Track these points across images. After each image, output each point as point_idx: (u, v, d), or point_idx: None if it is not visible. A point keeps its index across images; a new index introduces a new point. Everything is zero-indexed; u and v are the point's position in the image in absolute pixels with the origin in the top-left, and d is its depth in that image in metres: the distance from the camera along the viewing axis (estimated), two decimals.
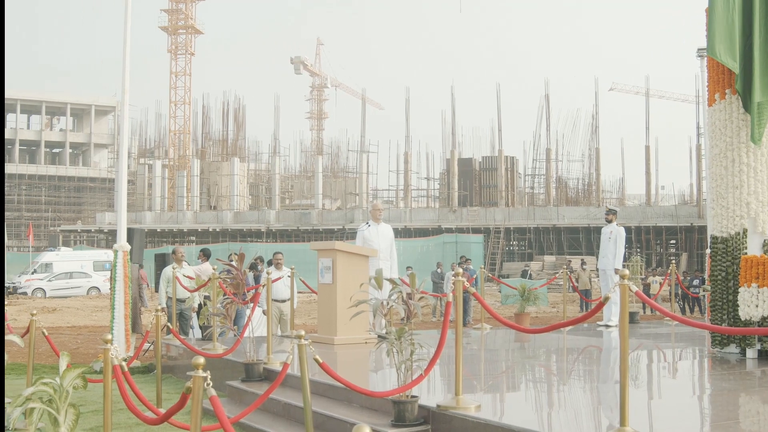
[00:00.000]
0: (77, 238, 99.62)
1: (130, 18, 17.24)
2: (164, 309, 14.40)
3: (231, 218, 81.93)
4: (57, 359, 9.26)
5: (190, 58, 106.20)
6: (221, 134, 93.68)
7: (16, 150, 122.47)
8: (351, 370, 12.61)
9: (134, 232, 20.86)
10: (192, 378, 5.92)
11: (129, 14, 17.17)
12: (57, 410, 7.63)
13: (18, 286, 52.12)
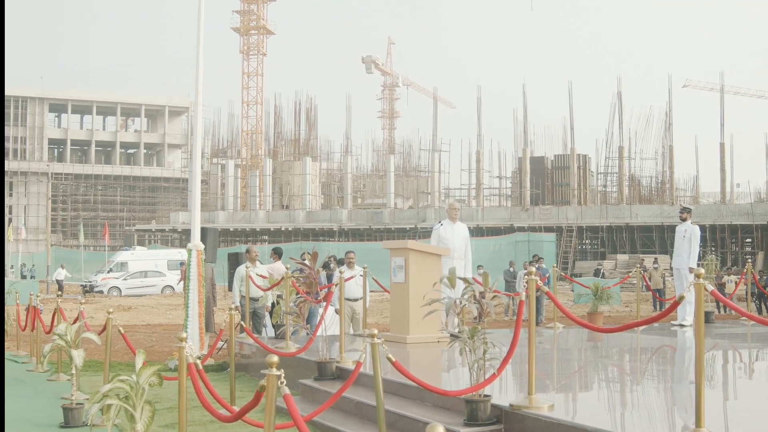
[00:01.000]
0: (152, 238, 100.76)
1: (203, 20, 17.39)
2: (238, 308, 14.50)
3: (303, 217, 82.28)
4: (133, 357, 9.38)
5: (262, 59, 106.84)
6: (293, 134, 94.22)
7: (92, 151, 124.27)
8: (423, 369, 12.60)
9: (208, 232, 21.03)
10: (266, 376, 5.95)
11: (202, 16, 17.32)
12: (133, 407, 7.72)
13: (94, 285, 52.84)
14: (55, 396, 13.36)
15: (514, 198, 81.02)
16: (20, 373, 16.69)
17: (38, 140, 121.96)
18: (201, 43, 17.29)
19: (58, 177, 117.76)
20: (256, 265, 18.03)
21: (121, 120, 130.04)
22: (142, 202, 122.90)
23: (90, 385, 13.59)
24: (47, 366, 16.55)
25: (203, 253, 16.99)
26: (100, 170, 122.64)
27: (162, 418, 10.71)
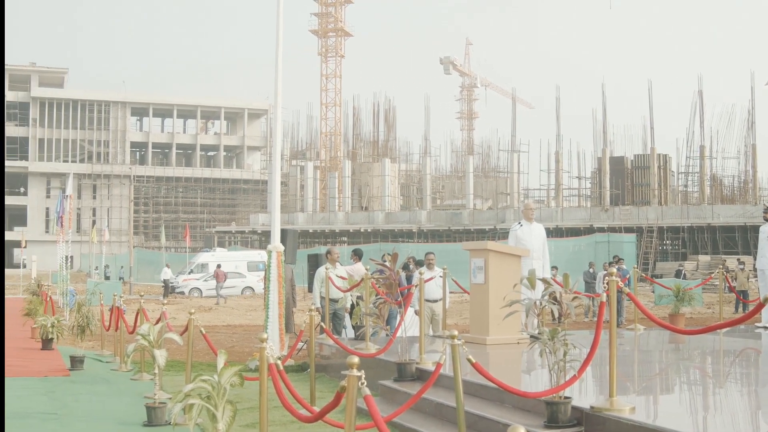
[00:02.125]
0: (232, 239, 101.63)
1: (282, 23, 17.50)
2: (318, 309, 14.57)
3: (382, 219, 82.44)
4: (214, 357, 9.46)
5: (340, 61, 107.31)
6: (372, 135, 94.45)
7: (173, 153, 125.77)
8: (503, 370, 12.56)
9: (288, 233, 21.14)
10: (347, 377, 5.97)
11: (281, 19, 17.43)
12: (215, 406, 7.80)
13: (176, 286, 53.42)
14: (138, 395, 13.54)
15: (594, 198, 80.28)
16: (104, 372, 16.94)
17: (121, 144, 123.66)
18: (280, 46, 17.41)
19: (140, 179, 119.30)
20: (336, 266, 18.09)
21: (201, 123, 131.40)
22: (222, 204, 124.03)
23: (172, 385, 13.75)
24: (130, 365, 16.78)
25: (283, 255, 17.10)
26: (180, 173, 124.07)
27: (243, 417, 10.80)
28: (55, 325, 20.64)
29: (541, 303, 8.82)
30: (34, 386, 14.82)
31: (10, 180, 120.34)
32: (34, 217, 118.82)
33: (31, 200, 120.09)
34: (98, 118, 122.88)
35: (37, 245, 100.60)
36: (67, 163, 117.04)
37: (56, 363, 18.29)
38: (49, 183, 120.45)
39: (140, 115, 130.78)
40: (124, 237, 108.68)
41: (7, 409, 12.50)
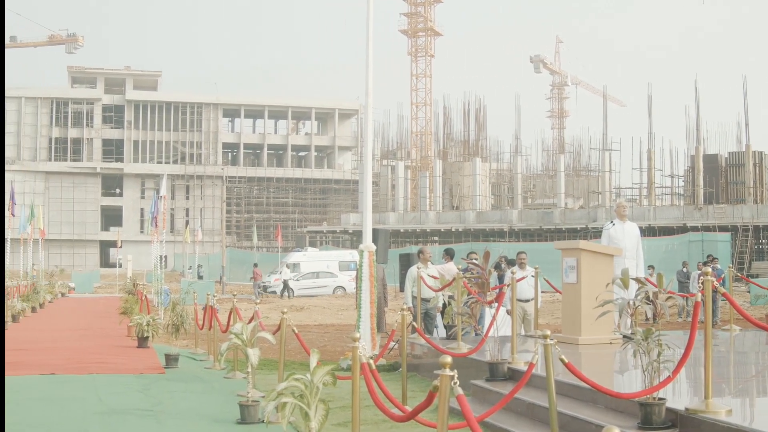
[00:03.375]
0: (323, 239, 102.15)
1: (372, 23, 17.55)
2: (410, 308, 14.58)
3: (473, 218, 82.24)
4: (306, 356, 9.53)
5: (430, 60, 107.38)
6: (463, 134, 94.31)
7: (264, 154, 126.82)
8: (596, 370, 12.46)
9: (379, 233, 21.21)
10: (439, 376, 5.97)
11: (371, 20, 17.48)
12: (308, 405, 7.85)
13: (267, 286, 53.81)
14: (231, 393, 13.69)
15: (687, 197, 79.16)
16: (198, 371, 17.15)
17: (213, 145, 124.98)
18: (370, 47, 17.45)
19: (232, 180, 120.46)
20: (428, 265, 18.09)
21: (292, 123, 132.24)
22: (313, 203, 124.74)
23: (265, 383, 13.87)
24: (224, 364, 16.95)
25: (375, 254, 17.14)
26: (272, 173, 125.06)
27: (335, 416, 10.85)
28: (150, 323, 20.95)
29: (634, 303, 8.74)
30: (130, 383, 15.06)
31: (107, 181, 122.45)
32: (129, 217, 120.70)
33: (126, 201, 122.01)
34: (191, 120, 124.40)
35: (132, 245, 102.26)
36: (160, 165, 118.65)
37: (152, 361, 18.57)
38: (144, 184, 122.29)
39: (232, 116, 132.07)
40: (217, 237, 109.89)
41: (106, 405, 12.76)
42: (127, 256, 70.25)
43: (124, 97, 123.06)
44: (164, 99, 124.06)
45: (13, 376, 15.95)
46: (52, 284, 47.29)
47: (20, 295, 33.06)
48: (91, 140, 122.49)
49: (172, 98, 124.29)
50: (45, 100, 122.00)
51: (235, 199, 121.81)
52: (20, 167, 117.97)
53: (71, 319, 32.05)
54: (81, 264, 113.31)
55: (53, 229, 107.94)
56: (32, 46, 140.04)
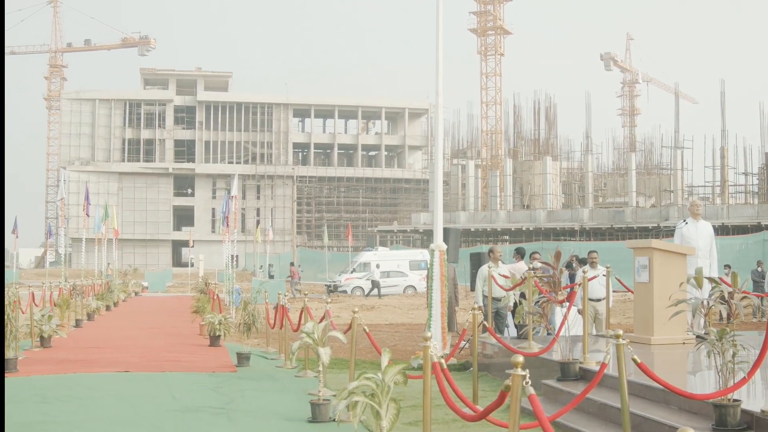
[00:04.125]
0: (393, 238, 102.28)
1: (442, 23, 17.52)
2: (481, 307, 14.55)
3: (544, 217, 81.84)
4: (377, 355, 9.55)
5: (499, 59, 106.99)
6: (533, 133, 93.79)
7: (334, 154, 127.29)
8: (669, 371, 12.34)
9: (450, 232, 21.21)
10: (511, 376, 5.95)
11: (440, 19, 17.45)
12: (379, 404, 7.86)
13: (338, 285, 53.93)
14: (302, 392, 13.75)
15: (762, 195, 77.96)
16: (270, 369, 17.26)
17: (283, 144, 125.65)
18: (440, 46, 17.43)
19: (302, 180, 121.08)
20: (499, 264, 18.04)
21: (362, 123, 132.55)
22: (383, 203, 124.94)
23: (336, 382, 13.91)
24: (295, 363, 17.05)
25: (446, 254, 17.12)
26: (342, 172, 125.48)
27: (406, 415, 10.86)
28: (222, 322, 21.13)
29: (708, 303, 8.64)
30: (203, 381, 15.20)
31: (179, 181, 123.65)
32: (200, 217, 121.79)
33: (197, 201, 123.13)
34: (261, 120, 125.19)
35: (203, 245, 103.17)
36: (231, 165, 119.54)
37: (223, 359, 18.73)
38: (215, 184, 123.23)
39: (302, 116, 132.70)
40: (288, 236, 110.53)
41: (179, 403, 12.90)
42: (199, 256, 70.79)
43: (196, 98, 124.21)
44: (235, 99, 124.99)
45: (88, 373, 16.20)
46: (125, 283, 47.87)
47: (95, 294, 33.51)
48: (164, 141, 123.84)
49: (242, 99, 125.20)
50: (118, 101, 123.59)
51: (306, 198, 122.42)
52: (94, 168, 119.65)
53: (144, 318, 32.43)
54: (154, 263, 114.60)
55: (127, 229, 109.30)
56: (106, 49, 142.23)
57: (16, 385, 14.73)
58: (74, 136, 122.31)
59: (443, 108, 18.10)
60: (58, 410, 12.54)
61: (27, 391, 14.12)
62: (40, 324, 20.84)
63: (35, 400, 13.36)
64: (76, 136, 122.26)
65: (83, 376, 15.87)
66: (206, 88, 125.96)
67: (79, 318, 28.53)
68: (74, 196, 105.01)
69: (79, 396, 13.71)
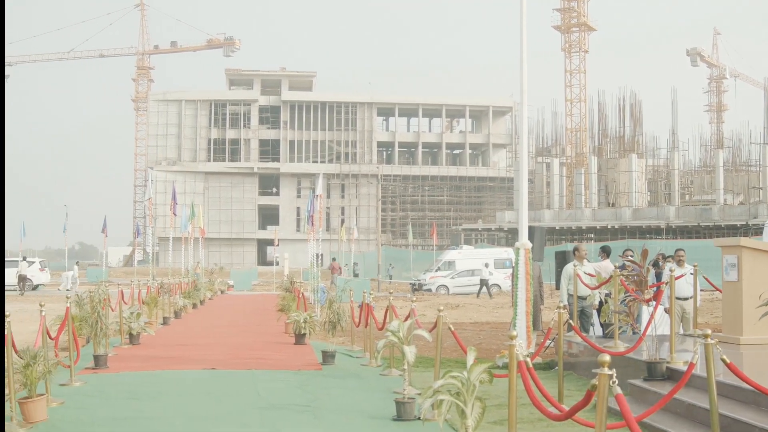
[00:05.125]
0: (478, 236, 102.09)
1: (526, 21, 17.44)
2: (566, 306, 14.46)
3: (629, 215, 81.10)
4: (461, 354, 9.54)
5: (584, 56, 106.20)
6: (618, 130, 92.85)
7: (419, 152, 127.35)
8: (759, 371, 12.13)
9: (535, 230, 21.08)
10: (597, 375, 5.91)
11: (525, 17, 17.37)
12: (464, 403, 7.86)
13: (423, 283, 53.95)
14: (387, 390, 13.79)
15: None
16: (355, 367, 17.32)
17: (368, 143, 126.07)
18: (524, 44, 17.35)
19: (387, 178, 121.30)
20: (584, 263, 17.92)
21: (446, 121, 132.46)
22: (468, 201, 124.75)
23: (420, 381, 13.92)
24: (380, 361, 17.08)
25: (531, 252, 17.05)
26: (427, 171, 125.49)
27: (490, 414, 10.83)
28: (307, 320, 21.25)
29: None
30: (288, 379, 15.31)
31: (264, 181, 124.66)
32: (285, 216, 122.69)
33: (282, 200, 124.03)
34: (346, 119, 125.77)
35: (288, 243, 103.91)
36: (316, 164, 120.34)
37: (309, 357, 18.83)
38: (300, 183, 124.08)
39: (386, 115, 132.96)
40: (372, 235, 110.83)
41: (264, 400, 13.01)
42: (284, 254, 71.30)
43: (280, 97, 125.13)
44: (319, 99, 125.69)
45: (175, 370, 16.41)
46: (211, 282, 48.33)
47: (182, 293, 33.92)
48: (249, 141, 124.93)
49: (327, 98, 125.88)
50: (204, 102, 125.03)
51: (390, 197, 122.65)
52: (181, 168, 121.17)
53: (230, 316, 32.71)
54: (239, 262, 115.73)
55: (213, 228, 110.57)
56: (191, 51, 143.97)
57: (106, 382, 14.99)
58: (161, 136, 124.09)
59: (528, 106, 18.01)
60: (146, 406, 12.74)
61: (117, 387, 14.36)
62: (129, 321, 21.17)
63: (125, 396, 13.58)
64: (163, 137, 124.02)
65: (171, 373, 16.08)
66: (291, 87, 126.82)
67: (166, 316, 28.90)
68: (161, 196, 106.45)
69: (167, 392, 13.91)
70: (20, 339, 13.26)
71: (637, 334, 14.28)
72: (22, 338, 14.82)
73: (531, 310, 16.88)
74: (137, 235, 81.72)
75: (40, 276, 55.71)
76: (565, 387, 12.88)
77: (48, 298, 34.51)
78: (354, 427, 11.21)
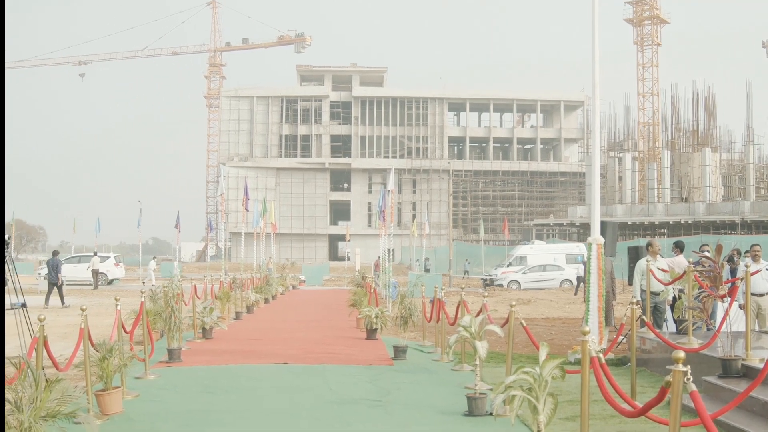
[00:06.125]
0: (550, 231, 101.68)
1: (598, 14, 17.31)
2: (639, 302, 14.34)
3: (703, 210, 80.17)
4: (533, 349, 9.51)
5: (656, 49, 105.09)
6: (691, 124, 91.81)
7: (490, 147, 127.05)
8: None
9: (607, 225, 20.89)
10: (671, 372, 5.86)
11: (596, 11, 17.24)
12: (536, 398, 7.84)
13: (494, 278, 53.87)
14: (458, 385, 13.78)
15: None
16: (426, 363, 17.32)
17: (439, 139, 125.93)
18: (596, 38, 17.23)
19: (458, 174, 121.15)
20: (657, 258, 17.75)
21: (517, 116, 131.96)
22: (539, 196, 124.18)
23: (492, 376, 13.90)
24: (452, 356, 17.08)
25: (603, 247, 16.93)
26: (498, 166, 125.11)
27: (562, 410, 10.79)
28: (378, 315, 21.30)
29: None
30: (359, 374, 15.36)
31: (335, 176, 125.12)
32: (357, 211, 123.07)
33: (354, 195, 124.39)
34: (417, 115, 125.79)
35: (360, 239, 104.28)
36: (387, 159, 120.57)
37: (380, 352, 18.87)
38: (371, 178, 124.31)
39: (457, 110, 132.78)
40: (443, 230, 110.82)
41: (336, 394, 13.07)
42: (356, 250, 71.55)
43: (351, 93, 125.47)
44: (390, 94, 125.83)
45: (248, 364, 16.55)
46: (283, 277, 48.63)
47: (254, 288, 34.17)
48: (320, 136, 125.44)
49: (397, 93, 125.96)
50: (275, 98, 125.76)
51: (462, 192, 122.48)
52: (253, 164, 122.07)
53: (302, 311, 32.90)
54: (311, 257, 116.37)
55: (284, 224, 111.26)
56: (263, 47, 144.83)
57: (180, 375, 15.16)
58: (233, 132, 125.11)
59: (600, 100, 17.88)
60: (219, 400, 12.85)
61: (191, 381, 14.52)
62: (202, 316, 21.39)
63: (198, 389, 13.72)
64: (234, 133, 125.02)
65: (243, 367, 16.21)
66: (361, 83, 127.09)
67: (238, 310, 29.13)
68: (233, 192, 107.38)
69: (239, 386, 14.02)
70: (96, 332, 13.45)
71: (711, 331, 14.12)
72: (98, 332, 15.04)
73: (603, 305, 16.76)
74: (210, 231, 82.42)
75: (115, 271, 56.44)
76: (637, 383, 12.78)
77: (123, 293, 34.97)
78: (425, 422, 11.22)
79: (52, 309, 31.04)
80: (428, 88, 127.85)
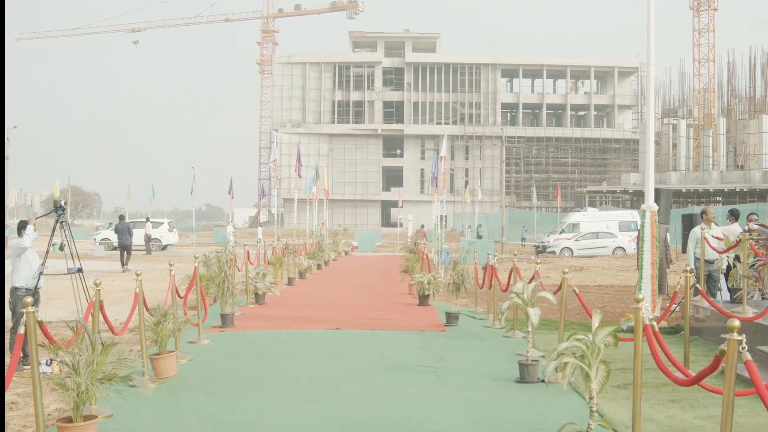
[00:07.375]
0: (602, 199, 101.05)
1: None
2: (693, 270, 14.25)
3: (759, 177, 79.23)
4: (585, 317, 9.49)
5: (713, 14, 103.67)
6: (748, 91, 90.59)
7: (543, 114, 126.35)
8: None
9: (661, 193, 20.76)
10: (726, 341, 5.83)
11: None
12: (589, 366, 7.83)
13: (547, 245, 53.76)
14: (510, 352, 13.80)
15: None
16: (478, 329, 17.36)
17: (492, 105, 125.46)
18: (652, 4, 17.04)
19: (510, 140, 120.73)
20: (712, 226, 17.62)
21: (570, 83, 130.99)
22: (592, 163, 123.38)
23: (544, 343, 13.90)
24: (504, 323, 17.10)
25: (657, 215, 16.82)
26: (551, 133, 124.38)
27: (614, 378, 10.76)
28: (431, 282, 21.35)
29: None
30: (412, 340, 15.43)
31: (388, 142, 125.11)
32: (409, 178, 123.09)
33: (406, 162, 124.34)
34: (469, 81, 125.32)
35: (412, 205, 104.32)
36: (440, 125, 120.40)
37: (432, 318, 18.93)
38: (423, 145, 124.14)
39: (510, 76, 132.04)
40: (496, 197, 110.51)
41: (388, 360, 13.14)
42: (408, 216, 71.57)
43: (404, 59, 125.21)
44: (443, 61, 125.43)
45: (300, 329, 16.68)
46: (336, 243, 48.79)
47: (306, 253, 34.33)
48: (372, 103, 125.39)
49: (450, 60, 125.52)
50: (328, 65, 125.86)
51: (514, 159, 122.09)
52: (305, 130, 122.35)
53: (354, 277, 33.03)
54: (363, 223, 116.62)
55: (337, 190, 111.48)
56: (315, 14, 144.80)
57: (234, 340, 15.32)
58: (286, 99, 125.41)
59: (654, 66, 17.70)
60: (272, 364, 12.98)
61: (244, 346, 14.67)
62: (255, 281, 21.55)
63: (252, 354, 13.86)
64: (287, 99, 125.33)
65: (296, 333, 16.33)
66: (414, 49, 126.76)
67: (291, 276, 29.29)
68: (286, 158, 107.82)
69: (292, 351, 14.14)
70: (151, 297, 13.62)
71: (766, 300, 14.00)
72: (152, 297, 15.24)
73: (656, 273, 16.66)
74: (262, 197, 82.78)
75: (169, 237, 56.95)
76: (691, 352, 12.72)
77: (176, 258, 35.27)
78: (477, 388, 11.24)
79: (108, 274, 31.37)
80: (481, 54, 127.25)
